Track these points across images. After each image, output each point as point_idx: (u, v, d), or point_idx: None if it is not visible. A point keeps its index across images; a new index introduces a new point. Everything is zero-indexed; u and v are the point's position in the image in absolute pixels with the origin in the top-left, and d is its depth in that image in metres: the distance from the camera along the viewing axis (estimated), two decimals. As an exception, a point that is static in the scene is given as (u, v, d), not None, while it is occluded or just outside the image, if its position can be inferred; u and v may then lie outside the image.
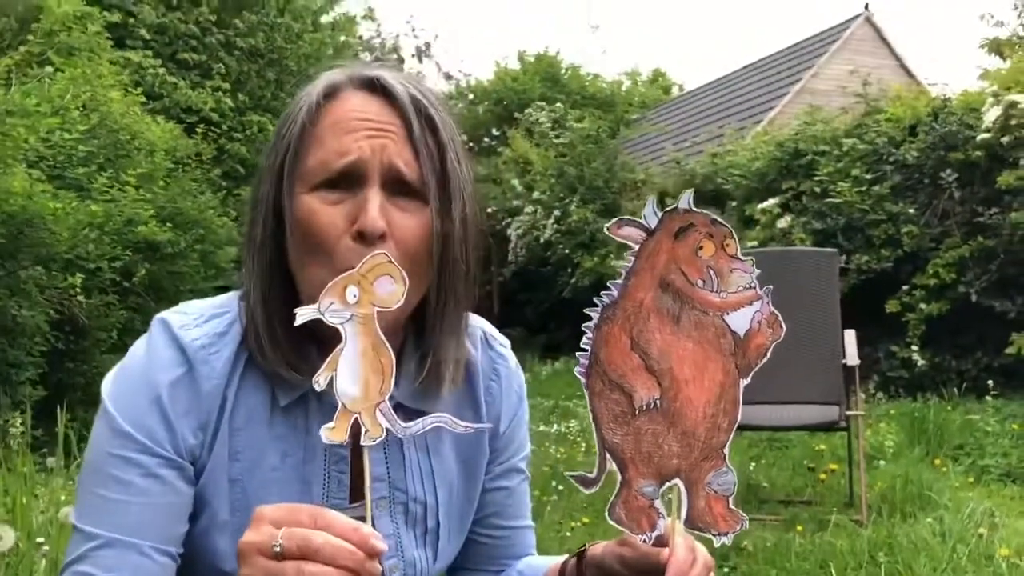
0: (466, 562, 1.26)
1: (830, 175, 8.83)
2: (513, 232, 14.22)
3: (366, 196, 0.98)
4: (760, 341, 0.95)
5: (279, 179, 1.03)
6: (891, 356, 8.33)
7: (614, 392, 0.94)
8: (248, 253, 1.06)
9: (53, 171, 5.51)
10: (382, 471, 1.11)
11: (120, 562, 0.98)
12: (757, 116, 15.03)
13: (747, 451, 6.11)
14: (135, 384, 1.02)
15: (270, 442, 1.06)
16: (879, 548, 3.38)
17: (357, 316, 0.86)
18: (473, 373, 1.18)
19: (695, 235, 0.93)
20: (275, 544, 0.79)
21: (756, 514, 4.34)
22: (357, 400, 0.86)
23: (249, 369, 1.05)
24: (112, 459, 1.00)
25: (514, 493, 1.26)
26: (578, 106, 18.82)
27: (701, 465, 0.95)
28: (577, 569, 1.11)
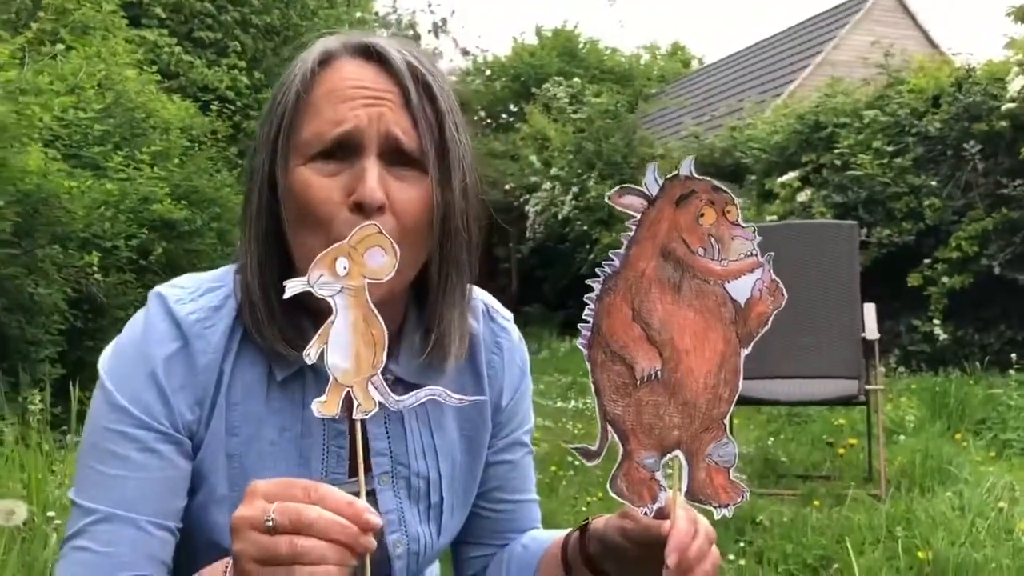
0: (470, 536, 1.25)
1: (851, 148, 8.72)
2: (531, 208, 14.17)
3: (363, 166, 0.97)
4: (761, 309, 0.94)
5: (273, 150, 1.01)
6: (913, 330, 8.26)
7: (616, 363, 0.93)
8: (244, 226, 1.04)
9: (69, 150, 5.52)
10: (384, 446, 1.10)
11: (118, 536, 0.98)
12: (777, 89, 14.86)
13: (766, 426, 6.08)
14: (131, 359, 1.01)
15: (267, 416, 1.05)
16: (897, 523, 3.35)
17: (347, 288, 0.85)
18: (475, 345, 1.16)
19: (696, 202, 0.92)
20: (268, 519, 0.78)
21: (774, 488, 4.32)
22: (348, 373, 0.85)
23: (245, 343, 1.04)
24: (109, 434, 1.00)
25: (517, 466, 1.24)
26: (596, 81, 18.68)
27: (702, 436, 0.94)
28: (580, 543, 1.10)
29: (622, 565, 1.05)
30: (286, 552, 0.78)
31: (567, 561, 1.13)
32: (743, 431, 5.82)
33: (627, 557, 1.02)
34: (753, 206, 9.80)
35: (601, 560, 1.07)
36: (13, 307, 4.30)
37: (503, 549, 1.25)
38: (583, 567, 1.10)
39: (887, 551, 3.07)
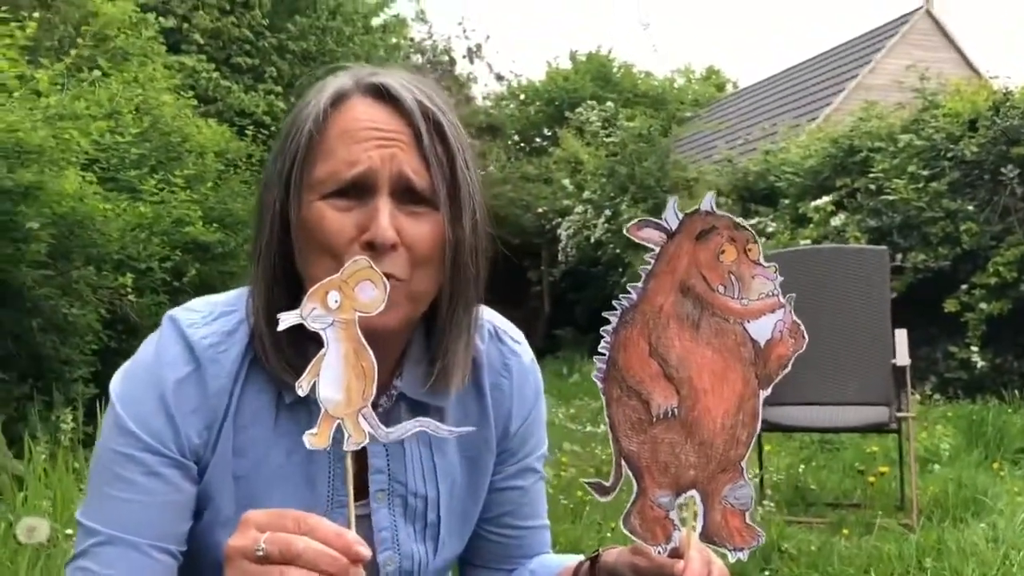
0: (478, 559, 1.26)
1: (885, 172, 8.64)
2: (563, 232, 14.17)
3: (376, 206, 0.98)
4: (782, 351, 0.92)
5: (286, 187, 1.02)
6: (949, 357, 8.13)
7: (632, 399, 0.93)
8: (255, 259, 1.05)
9: (107, 173, 5.63)
10: (382, 463, 1.11)
11: (119, 560, 0.99)
12: (812, 113, 14.78)
13: (797, 453, 6.00)
14: (143, 382, 1.03)
15: (275, 440, 1.06)
16: (927, 553, 3.29)
17: (339, 321, 0.86)
18: (479, 368, 1.16)
19: (717, 238, 0.91)
20: (258, 548, 0.80)
21: (803, 516, 4.26)
22: (340, 405, 0.86)
23: (255, 368, 1.05)
24: (117, 456, 1.01)
25: (528, 492, 1.24)
26: (630, 104, 18.69)
27: (718, 477, 0.93)
28: (590, 574, 1.10)
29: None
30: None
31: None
32: (774, 458, 5.74)
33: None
34: (787, 230, 9.73)
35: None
36: (48, 327, 4.38)
37: (511, 574, 1.25)
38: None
39: (917, 582, 3.02)
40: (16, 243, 3.98)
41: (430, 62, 15.49)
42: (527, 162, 17.96)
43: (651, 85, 22.71)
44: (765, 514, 4.04)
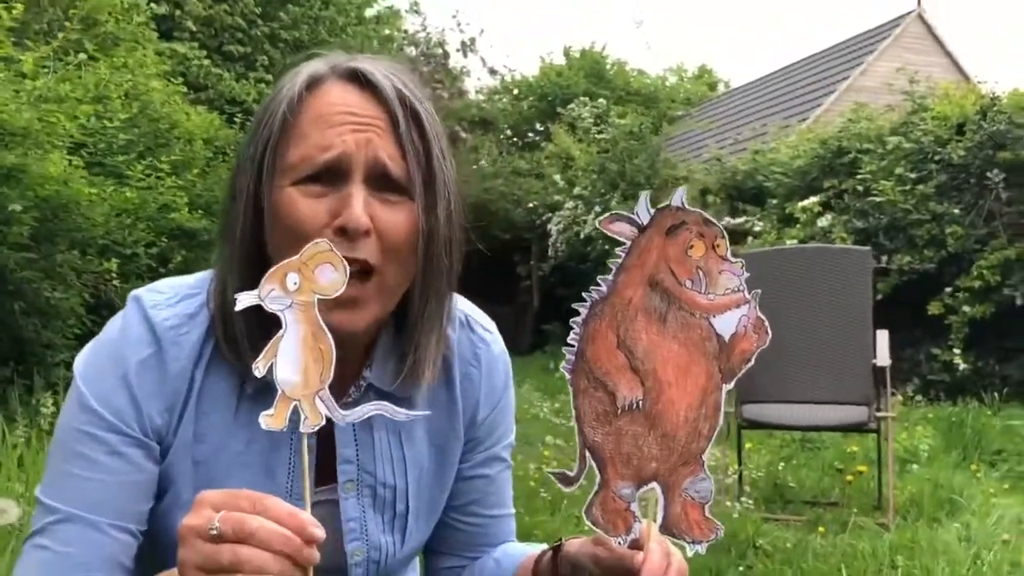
0: (443, 546, 1.26)
1: (873, 174, 8.68)
2: (553, 227, 14.19)
3: (350, 191, 0.97)
4: (745, 346, 0.93)
5: (259, 172, 1.01)
6: (932, 359, 8.18)
7: (598, 390, 0.93)
8: (225, 245, 1.04)
9: (94, 158, 5.61)
10: (351, 453, 1.10)
11: (77, 538, 0.99)
12: (803, 114, 14.82)
13: (778, 451, 6.03)
14: (105, 362, 1.03)
15: (236, 428, 1.05)
16: (900, 552, 3.31)
17: (297, 303, 0.86)
18: (449, 357, 1.16)
19: (686, 234, 0.92)
20: (212, 527, 0.80)
21: (780, 514, 4.29)
22: (297, 387, 0.86)
23: (219, 354, 1.05)
24: (79, 435, 1.01)
25: (495, 481, 1.24)
26: (622, 102, 18.73)
27: (679, 470, 0.94)
28: (552, 563, 1.10)
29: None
30: (228, 560, 0.79)
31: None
32: (754, 455, 5.77)
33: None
34: (773, 230, 9.77)
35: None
36: (30, 310, 4.36)
37: (475, 562, 1.25)
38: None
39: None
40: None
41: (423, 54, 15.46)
42: (519, 157, 17.97)
43: (644, 83, 22.74)
44: (743, 511, 4.06)
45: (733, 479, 4.80)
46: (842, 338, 4.46)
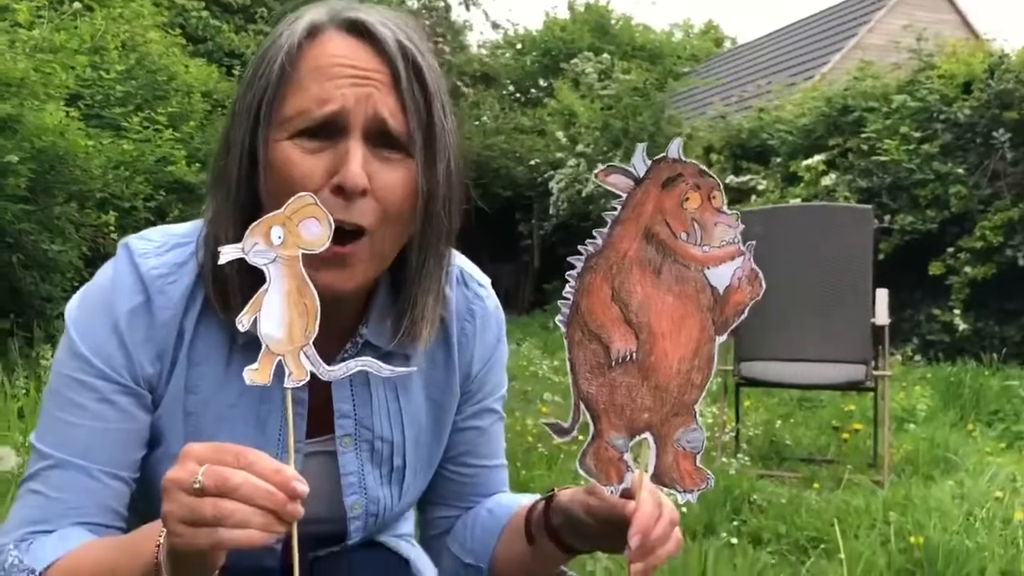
0: (436, 497, 1.26)
1: (878, 132, 8.62)
2: (555, 185, 14.12)
3: (347, 148, 0.95)
4: (739, 298, 0.93)
5: (255, 122, 0.99)
6: (932, 319, 8.19)
7: (592, 342, 0.93)
8: (218, 195, 1.02)
9: (91, 110, 5.57)
10: (348, 408, 1.11)
11: (69, 483, 1.00)
12: (809, 72, 14.67)
13: (776, 409, 6.06)
14: (96, 310, 1.02)
15: (228, 380, 1.05)
16: (893, 508, 3.33)
17: (281, 257, 0.85)
18: (447, 315, 1.15)
19: (682, 186, 0.91)
20: (195, 481, 0.79)
21: (776, 471, 4.32)
22: (281, 342, 0.85)
23: (210, 305, 1.04)
24: (70, 382, 1.01)
25: (487, 433, 1.25)
26: (627, 57, 18.52)
27: (671, 420, 0.95)
28: (545, 513, 1.10)
29: (585, 539, 1.06)
30: (210, 514, 0.78)
31: (531, 531, 1.13)
32: (752, 414, 5.80)
33: (590, 533, 1.03)
34: (777, 188, 9.73)
35: (564, 533, 1.08)
36: (29, 263, 4.36)
37: (468, 512, 1.26)
38: (546, 538, 1.10)
39: (881, 536, 3.06)
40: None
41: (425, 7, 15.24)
42: (521, 113, 17.84)
43: (649, 38, 22.50)
44: (739, 467, 4.08)
45: (730, 436, 4.83)
46: (842, 297, 4.45)
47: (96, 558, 0.95)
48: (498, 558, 1.18)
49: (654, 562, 0.93)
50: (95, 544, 0.97)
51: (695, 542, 3.07)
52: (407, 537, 1.35)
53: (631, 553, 0.92)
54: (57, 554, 0.95)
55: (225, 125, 1.05)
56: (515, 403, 6.21)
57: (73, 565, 0.95)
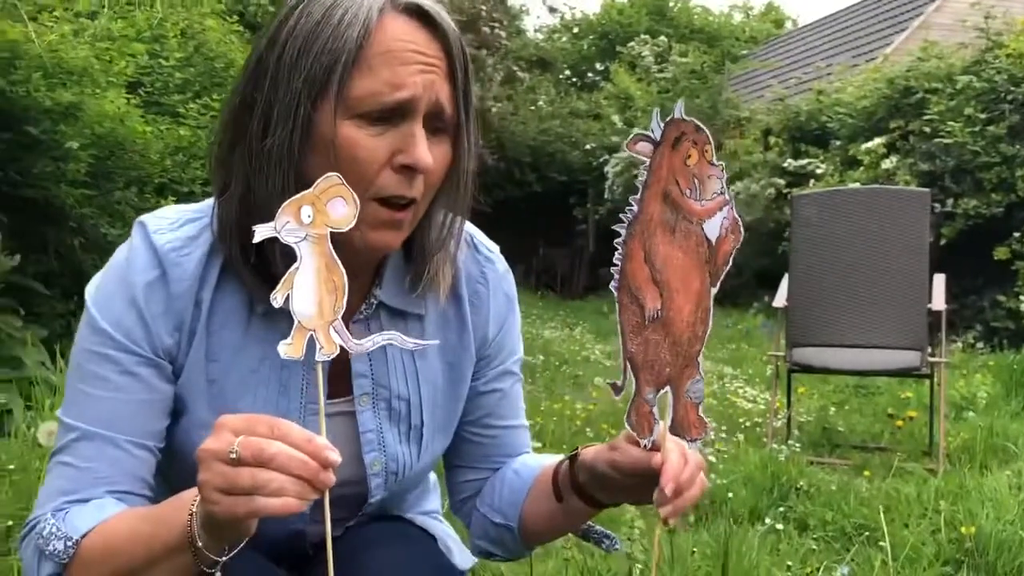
0: (462, 460, 1.30)
1: (941, 114, 8.40)
2: (611, 169, 14.04)
3: (413, 132, 1.00)
4: (726, 248, 0.97)
5: (318, 97, 0.99)
6: (996, 306, 7.98)
7: (633, 303, 0.98)
8: (258, 159, 1.01)
9: (150, 97, 5.68)
10: (365, 368, 1.14)
11: (97, 453, 1.03)
12: (872, 53, 14.32)
13: (830, 396, 5.97)
14: (114, 286, 1.06)
15: (248, 345, 1.09)
16: (945, 497, 3.27)
17: (311, 236, 0.88)
18: (457, 276, 1.19)
19: (686, 144, 0.94)
20: (232, 451, 0.83)
21: (827, 458, 4.26)
22: (312, 318, 0.89)
23: (227, 273, 1.08)
24: (92, 356, 1.05)
25: (508, 395, 1.28)
26: (685, 40, 18.30)
27: (684, 372, 0.99)
28: (570, 472, 1.14)
29: (610, 493, 1.10)
30: (248, 483, 0.82)
31: (558, 489, 1.16)
32: (805, 400, 5.72)
33: (616, 486, 1.07)
34: (836, 172, 9.54)
35: (590, 488, 1.12)
36: (89, 246, 4.47)
37: (495, 474, 1.29)
38: (573, 494, 1.14)
39: (932, 525, 3.00)
40: (56, 162, 4.05)
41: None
42: (577, 97, 17.75)
43: (707, 20, 22.18)
44: (790, 454, 4.04)
45: (782, 422, 4.78)
46: (897, 282, 4.36)
47: (130, 526, 0.98)
48: (526, 516, 1.22)
49: (681, 504, 0.97)
50: (128, 513, 1.01)
51: (739, 527, 3.05)
52: (434, 514, 1.38)
53: (662, 498, 0.96)
54: (93, 523, 0.99)
55: (261, 85, 1.02)
56: (566, 387, 6.21)
57: (108, 533, 0.98)
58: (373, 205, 1.01)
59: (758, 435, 4.58)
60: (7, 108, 3.80)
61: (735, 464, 3.81)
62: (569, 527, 1.23)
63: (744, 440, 4.41)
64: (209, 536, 0.90)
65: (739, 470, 3.67)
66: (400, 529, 1.28)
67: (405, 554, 1.21)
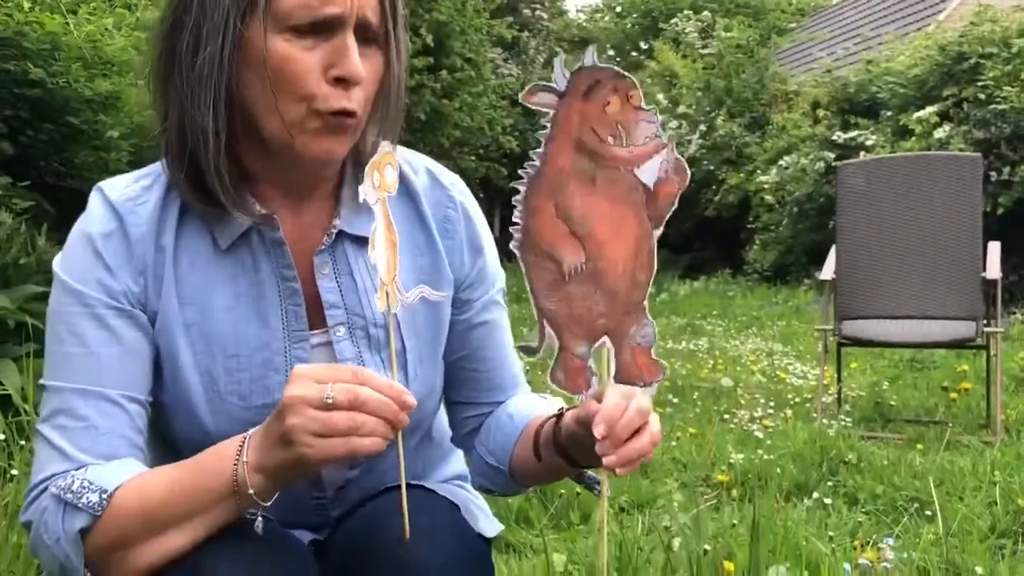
0: (461, 396, 1.29)
1: (996, 80, 8.15)
2: (655, 147, 13.90)
3: (345, 44, 1.01)
4: (668, 189, 0.96)
5: (245, 13, 0.99)
6: (1058, 276, 7.72)
7: (545, 260, 0.97)
8: (189, 81, 1.01)
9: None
10: (336, 299, 1.14)
11: (90, 408, 1.02)
12: (924, 21, 13.96)
13: (884, 371, 5.84)
14: (76, 246, 1.07)
15: (219, 284, 1.09)
16: (1002, 469, 3.16)
17: (379, 199, 0.97)
18: (415, 197, 1.19)
19: (602, 92, 0.94)
20: (327, 396, 0.89)
21: (879, 432, 4.16)
22: (383, 273, 0.97)
23: (186, 217, 1.09)
24: (66, 316, 1.05)
25: (496, 325, 1.27)
26: (730, 15, 18.01)
27: (624, 320, 0.99)
28: (554, 430, 1.13)
29: (582, 452, 1.07)
30: (345, 426, 0.90)
31: (538, 448, 1.16)
32: (858, 376, 5.60)
33: (586, 444, 1.03)
34: (887, 143, 9.32)
35: (569, 448, 1.10)
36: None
37: (493, 413, 1.28)
38: (554, 453, 1.13)
39: (988, 497, 2.91)
40: (98, 151, 4.12)
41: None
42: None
43: (754, -7, 21.79)
44: (839, 428, 3.95)
45: (832, 398, 4.68)
46: (949, 250, 4.23)
47: (169, 477, 0.99)
48: (516, 462, 1.23)
49: (627, 455, 0.95)
50: (162, 467, 1.01)
51: (788, 502, 2.99)
52: (456, 480, 1.35)
53: (599, 446, 0.94)
54: (125, 476, 0.99)
55: (173, 5, 1.03)
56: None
57: (145, 484, 0.99)
58: (313, 116, 1.02)
59: (807, 411, 4.49)
60: (48, 99, 3.87)
61: (783, 440, 3.74)
62: (556, 478, 1.24)
63: (792, 415, 4.32)
64: (271, 479, 0.95)
65: (787, 445, 3.60)
66: (421, 497, 1.25)
67: (426, 521, 1.19)
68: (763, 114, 13.34)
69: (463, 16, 13.16)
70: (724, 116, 13.37)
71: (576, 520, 2.79)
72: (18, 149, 3.82)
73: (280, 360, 1.10)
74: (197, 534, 0.97)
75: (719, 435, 3.79)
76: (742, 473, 3.27)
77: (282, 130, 1.02)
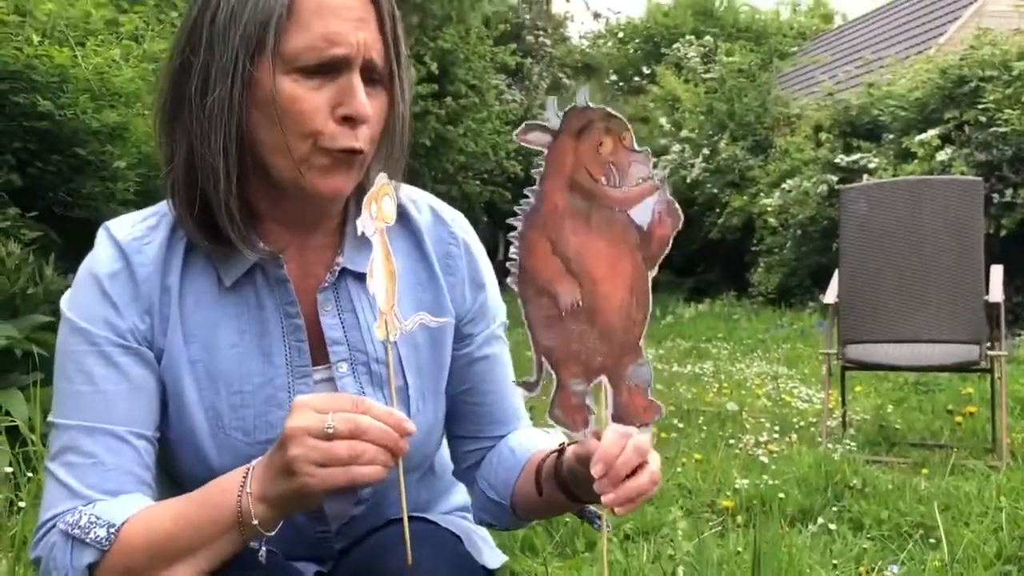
0: (463, 430, 1.30)
1: (997, 102, 8.18)
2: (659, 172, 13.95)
3: (351, 83, 1.03)
4: (662, 232, 0.97)
5: (254, 54, 1.01)
6: (1062, 298, 7.71)
7: (542, 296, 0.99)
8: (199, 120, 1.03)
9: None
10: (339, 335, 1.15)
11: (98, 445, 1.04)
12: (925, 44, 14.02)
13: (889, 394, 5.82)
14: (84, 286, 1.09)
15: (224, 321, 1.10)
16: (1008, 494, 3.16)
17: (378, 229, 0.98)
18: (418, 234, 1.21)
19: (595, 132, 0.95)
20: (328, 426, 0.91)
21: (884, 456, 4.15)
22: (382, 302, 0.99)
23: (191, 255, 1.11)
24: (74, 355, 1.06)
25: (498, 359, 1.29)
26: (732, 39, 18.13)
27: (621, 360, 0.99)
28: (556, 465, 1.14)
29: (584, 488, 1.07)
30: (346, 455, 0.91)
31: (539, 484, 1.16)
32: (862, 399, 5.59)
33: (585, 480, 1.03)
34: (889, 166, 9.34)
35: (570, 484, 1.11)
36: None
37: (494, 447, 1.28)
38: (556, 488, 1.13)
39: (994, 523, 2.90)
40: (105, 182, 4.15)
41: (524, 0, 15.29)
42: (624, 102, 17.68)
43: (754, 18, 21.95)
44: (844, 452, 3.95)
45: (836, 421, 4.67)
46: (951, 273, 4.24)
47: (174, 510, 1.01)
48: (517, 497, 1.23)
49: (626, 494, 0.95)
50: (166, 501, 1.03)
51: (792, 528, 2.99)
52: (459, 512, 1.36)
53: (597, 484, 0.95)
54: (132, 511, 1.00)
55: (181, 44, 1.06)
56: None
57: (151, 518, 1.00)
58: (320, 153, 1.04)
59: (812, 435, 4.48)
60: (56, 131, 3.91)
61: (788, 464, 3.73)
62: (558, 513, 1.26)
63: (797, 440, 4.32)
64: (275, 509, 0.96)
65: (791, 470, 3.60)
66: (423, 529, 1.26)
67: (428, 552, 1.20)
68: (766, 137, 13.39)
69: (467, 43, 13.29)
70: (727, 140, 13.41)
71: (581, 548, 2.79)
72: (26, 180, 3.86)
73: (284, 396, 1.11)
74: (202, 566, 0.99)
75: (724, 460, 3.79)
76: (747, 499, 3.26)
77: (291, 168, 1.04)
